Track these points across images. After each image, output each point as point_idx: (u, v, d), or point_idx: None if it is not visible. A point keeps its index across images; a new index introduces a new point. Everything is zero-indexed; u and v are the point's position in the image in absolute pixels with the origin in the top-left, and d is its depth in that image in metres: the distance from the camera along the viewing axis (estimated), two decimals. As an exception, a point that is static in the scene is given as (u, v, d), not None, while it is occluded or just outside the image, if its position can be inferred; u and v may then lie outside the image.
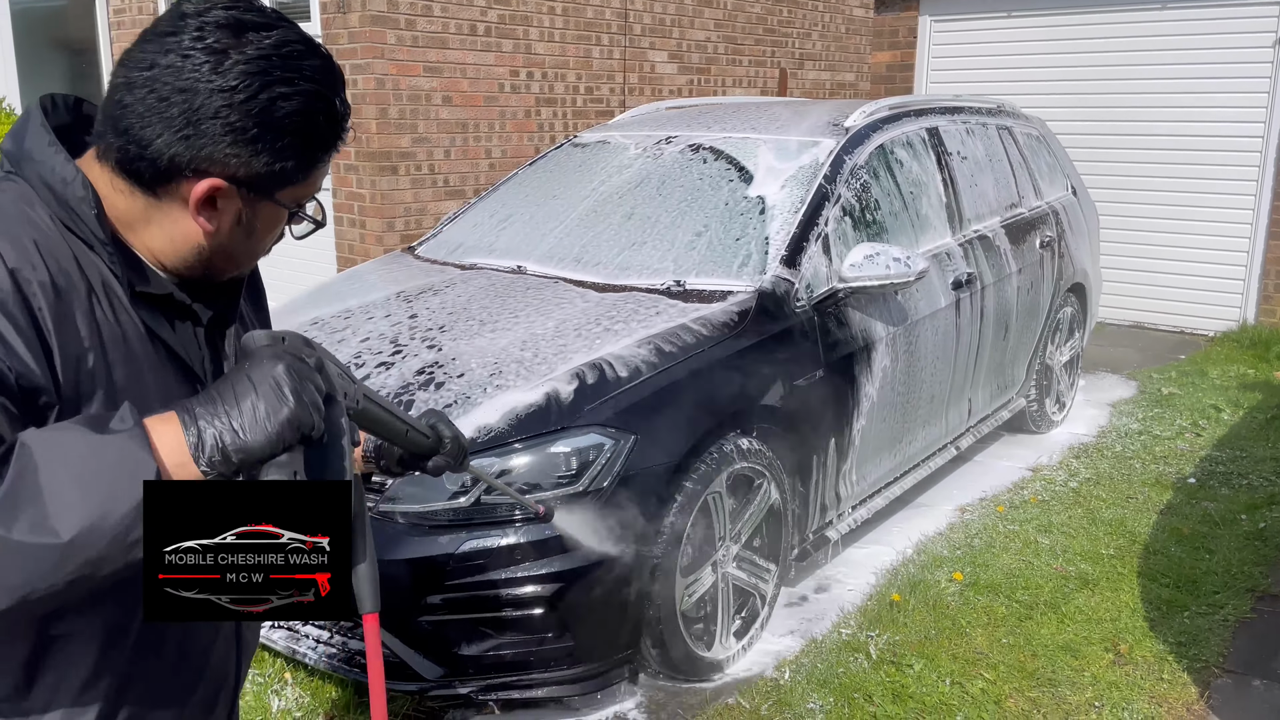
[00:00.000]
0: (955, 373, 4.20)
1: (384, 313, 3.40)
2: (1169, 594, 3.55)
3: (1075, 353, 5.56)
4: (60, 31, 7.96)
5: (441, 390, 2.83)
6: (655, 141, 4.20)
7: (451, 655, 2.65)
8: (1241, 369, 6.36)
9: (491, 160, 6.74)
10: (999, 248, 4.54)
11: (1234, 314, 7.46)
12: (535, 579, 2.62)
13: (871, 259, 3.47)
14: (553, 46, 6.98)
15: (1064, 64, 7.86)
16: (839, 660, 3.11)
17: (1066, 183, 5.54)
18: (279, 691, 2.87)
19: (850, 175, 3.78)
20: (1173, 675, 3.08)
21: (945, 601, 3.45)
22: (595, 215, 3.88)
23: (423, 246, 4.24)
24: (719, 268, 3.45)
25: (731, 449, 2.98)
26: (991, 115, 5.04)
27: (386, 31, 6.07)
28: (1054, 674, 3.06)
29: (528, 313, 3.25)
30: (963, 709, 2.88)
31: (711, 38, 8.10)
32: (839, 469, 3.53)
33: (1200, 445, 5.07)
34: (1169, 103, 7.50)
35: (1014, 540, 3.95)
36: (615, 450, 2.72)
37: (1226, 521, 4.14)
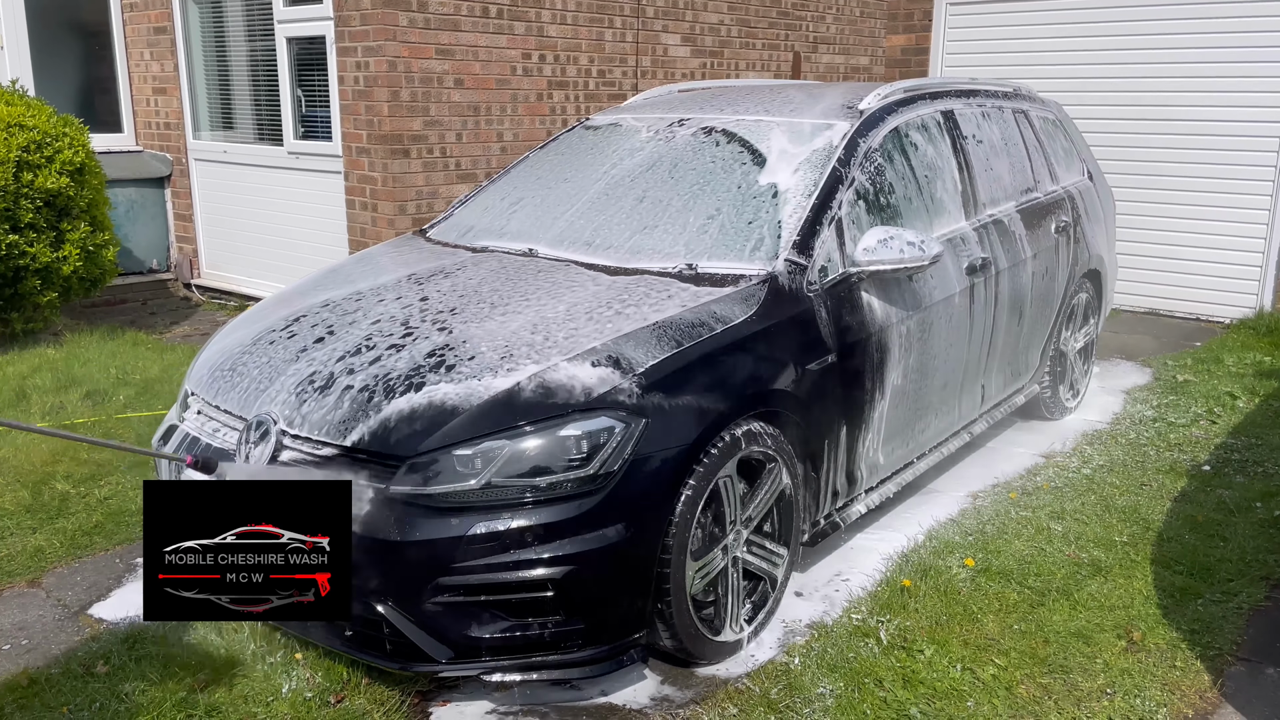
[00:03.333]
0: (969, 358, 4.17)
1: (395, 295, 3.39)
2: (1182, 581, 3.52)
3: (1090, 339, 5.52)
4: (73, 15, 7.95)
5: (452, 372, 2.82)
6: (667, 124, 4.17)
7: (462, 637, 2.65)
8: (1257, 356, 6.31)
9: (503, 143, 6.72)
10: (1014, 233, 4.50)
11: (1250, 301, 7.39)
12: (545, 561, 2.61)
13: (885, 243, 3.44)
14: (565, 29, 6.94)
15: (1080, 48, 7.79)
16: (849, 645, 3.10)
17: (1083, 167, 5.49)
18: (289, 672, 2.88)
19: (864, 158, 3.75)
20: (1186, 663, 3.06)
21: (957, 587, 3.43)
22: (607, 198, 3.86)
23: (434, 229, 4.24)
24: (731, 251, 3.43)
25: (742, 433, 2.96)
26: (1007, 99, 4.99)
27: (398, 14, 6.05)
28: (1066, 661, 3.05)
29: (539, 296, 3.24)
30: (973, 695, 2.87)
31: (725, 20, 8.04)
32: (851, 454, 3.52)
33: (1215, 432, 5.03)
34: (1186, 87, 7.42)
35: (1026, 526, 3.93)
36: (626, 434, 2.71)
37: (1241, 509, 4.11)
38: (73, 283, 6.21)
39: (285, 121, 6.99)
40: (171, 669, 2.89)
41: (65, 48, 7.91)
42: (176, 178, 7.91)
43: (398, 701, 2.82)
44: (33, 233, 5.89)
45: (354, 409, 2.77)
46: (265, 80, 7.13)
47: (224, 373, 3.17)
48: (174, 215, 8.04)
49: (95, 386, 5.34)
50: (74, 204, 6.12)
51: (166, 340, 6.66)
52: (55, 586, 3.49)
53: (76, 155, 6.10)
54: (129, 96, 7.96)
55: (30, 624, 3.25)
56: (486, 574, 2.61)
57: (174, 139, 7.81)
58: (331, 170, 6.68)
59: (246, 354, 3.21)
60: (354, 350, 3.03)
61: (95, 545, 3.75)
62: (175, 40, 7.57)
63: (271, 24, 6.87)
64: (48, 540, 3.75)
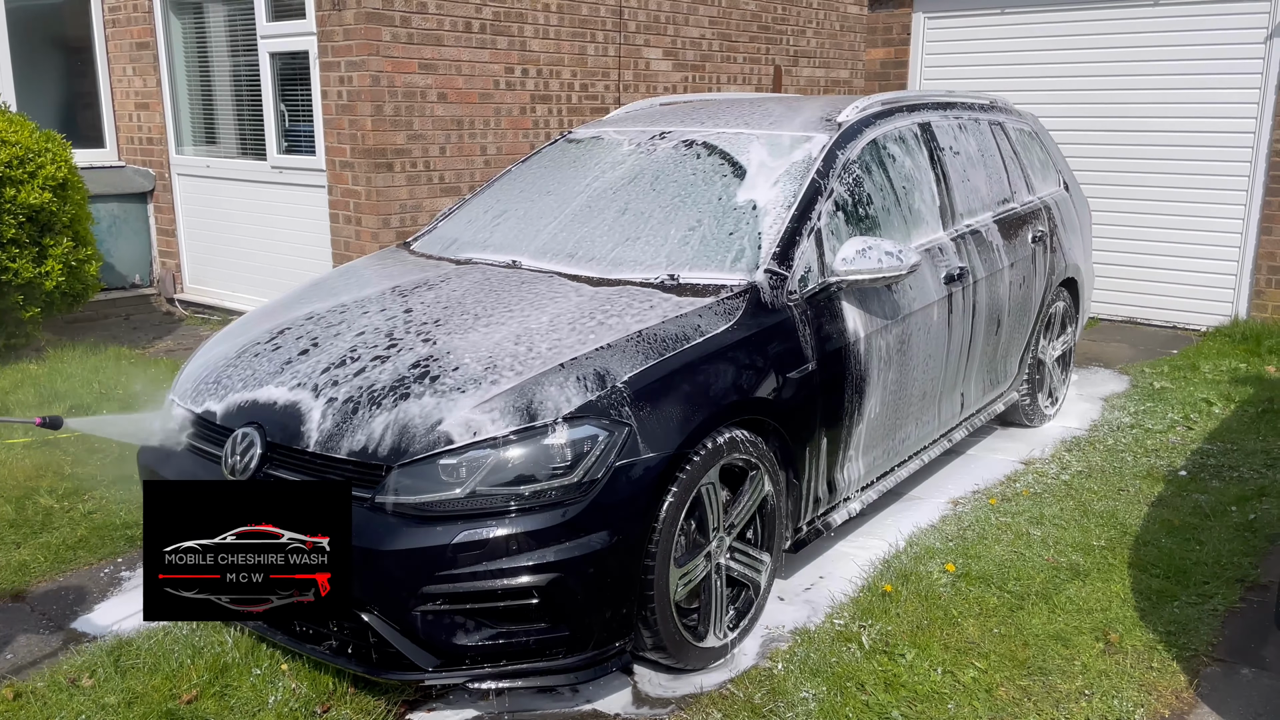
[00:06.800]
0: (947, 366, 4.22)
1: (379, 307, 3.42)
2: (1159, 584, 3.58)
3: (1068, 347, 5.59)
4: (55, 30, 7.95)
5: (436, 383, 2.85)
6: (649, 137, 4.22)
7: (447, 645, 2.67)
8: (1233, 363, 6.40)
9: (487, 157, 6.76)
10: (991, 243, 4.56)
11: (1226, 309, 7.49)
12: (530, 569, 2.64)
13: (864, 253, 3.49)
14: (548, 43, 7.00)
15: (1057, 60, 7.89)
16: (832, 650, 3.13)
17: (1059, 178, 5.57)
18: (275, 683, 2.88)
19: (843, 170, 3.80)
20: (1162, 664, 3.11)
21: (937, 592, 3.48)
22: (589, 210, 3.90)
23: (418, 242, 4.26)
24: (712, 262, 3.47)
25: (724, 441, 3.00)
26: (984, 111, 5.07)
27: (382, 29, 6.08)
28: (1045, 663, 3.09)
29: (522, 307, 3.27)
30: (954, 697, 2.91)
31: (706, 35, 8.12)
32: (832, 461, 3.56)
33: (1191, 438, 5.10)
34: (1161, 98, 7.53)
35: (1006, 532, 3.98)
36: (609, 442, 2.74)
37: (1217, 513, 4.17)
38: (55, 298, 6.21)
39: (269, 136, 7.00)
40: (157, 681, 2.89)
41: (47, 63, 7.91)
42: (159, 193, 7.91)
43: (384, 711, 2.83)
44: (15, 248, 5.89)
45: (339, 420, 2.79)
46: (248, 95, 7.15)
47: (209, 385, 3.18)
48: (157, 230, 8.04)
49: (78, 401, 5.33)
50: (56, 219, 6.12)
51: (150, 355, 6.65)
52: (40, 600, 3.49)
53: (59, 171, 6.10)
54: (111, 112, 7.96)
55: (14, 638, 3.24)
56: (472, 582, 2.63)
57: (157, 154, 7.82)
58: (315, 184, 6.70)
59: (231, 366, 3.23)
60: (338, 362, 3.05)
61: (79, 559, 3.75)
62: (158, 55, 7.58)
63: (255, 39, 6.90)
64: (32, 555, 3.75)
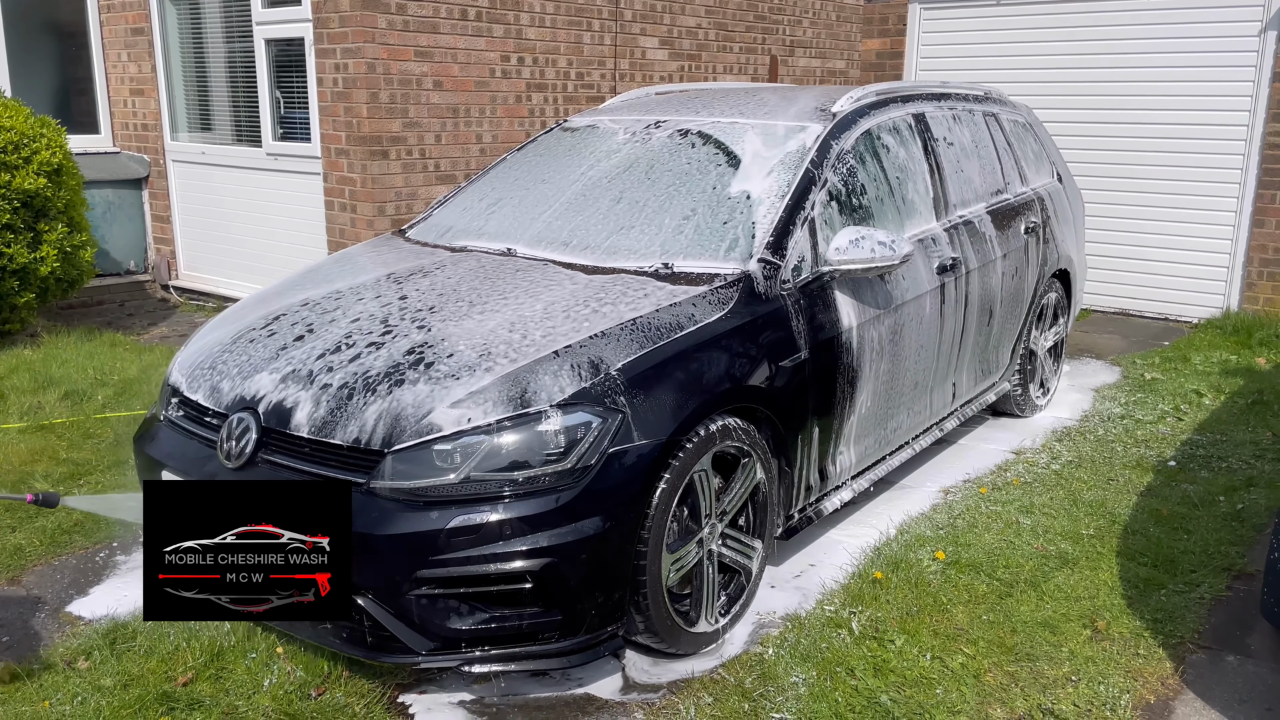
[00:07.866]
0: (940, 356, 4.25)
1: (374, 294, 3.43)
2: (1147, 573, 3.61)
3: (1060, 338, 5.62)
4: (50, 16, 7.93)
5: (431, 369, 2.87)
6: (644, 126, 4.23)
7: (441, 629, 2.70)
8: (1224, 355, 6.44)
9: (482, 145, 6.76)
10: (984, 233, 4.59)
11: (1218, 301, 7.53)
12: (523, 554, 2.66)
13: (857, 243, 3.51)
14: (544, 32, 6.99)
15: (1051, 52, 7.91)
16: (822, 636, 3.16)
17: (1052, 169, 5.59)
18: (270, 666, 2.91)
19: (837, 160, 3.82)
20: (1149, 650, 3.14)
21: (927, 579, 3.51)
22: (584, 199, 3.91)
23: (413, 229, 4.27)
24: (707, 251, 3.49)
25: (717, 428, 3.02)
26: (978, 102, 5.08)
27: (377, 16, 6.08)
28: (1032, 649, 3.13)
29: (517, 294, 3.29)
30: (942, 682, 2.94)
31: (702, 24, 8.11)
32: (824, 449, 3.58)
33: (1181, 429, 5.14)
34: (1155, 91, 7.55)
35: (996, 520, 4.01)
36: (603, 429, 2.76)
37: (1205, 503, 4.21)
38: (50, 284, 6.21)
39: (264, 123, 7.00)
40: (153, 664, 2.92)
41: (42, 49, 7.88)
42: (154, 179, 7.89)
43: (378, 694, 2.86)
44: (10, 234, 5.89)
45: (334, 406, 2.81)
46: (244, 81, 7.14)
47: (204, 370, 3.20)
48: (151, 216, 8.03)
49: (73, 387, 5.34)
50: (51, 205, 6.12)
51: (144, 341, 6.66)
52: (35, 584, 3.51)
53: (54, 156, 6.10)
54: (106, 97, 7.94)
55: (11, 621, 3.26)
56: (466, 566, 2.65)
57: (152, 140, 7.81)
58: (310, 171, 6.70)
59: (226, 352, 3.24)
60: (334, 348, 3.06)
61: (75, 544, 3.77)
62: (153, 41, 7.56)
63: (250, 25, 6.88)
64: (27, 539, 3.76)
